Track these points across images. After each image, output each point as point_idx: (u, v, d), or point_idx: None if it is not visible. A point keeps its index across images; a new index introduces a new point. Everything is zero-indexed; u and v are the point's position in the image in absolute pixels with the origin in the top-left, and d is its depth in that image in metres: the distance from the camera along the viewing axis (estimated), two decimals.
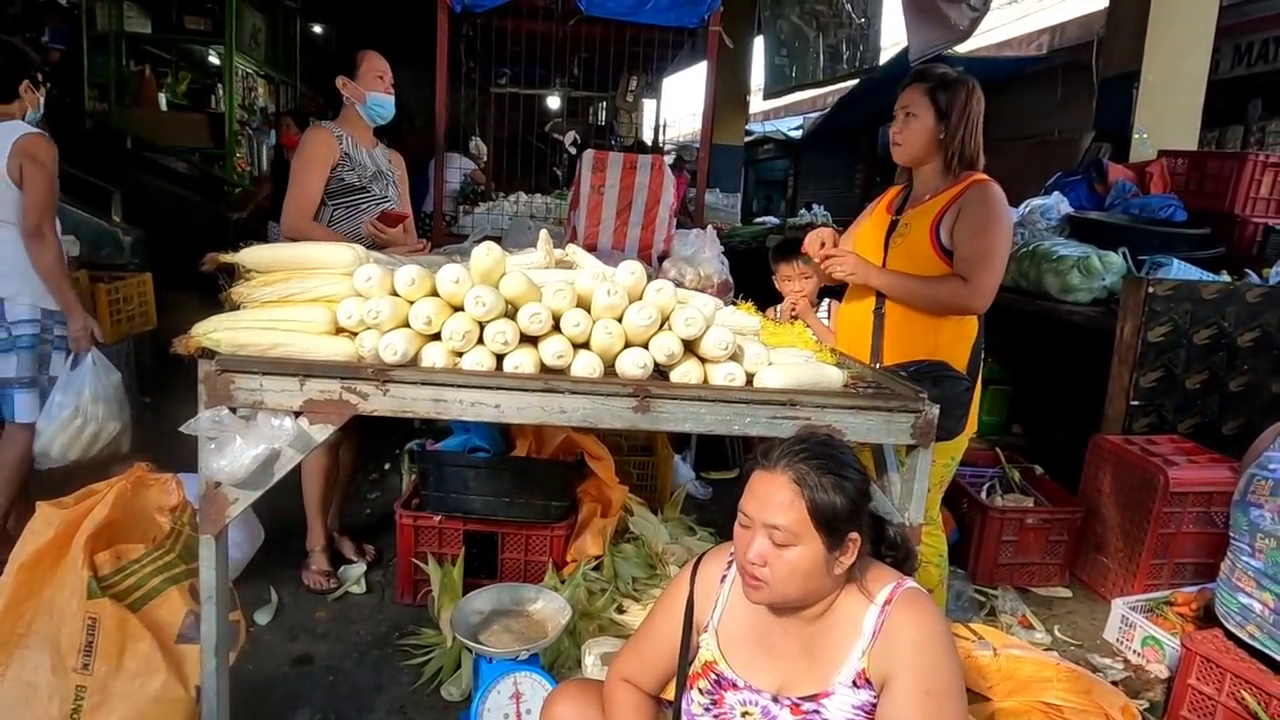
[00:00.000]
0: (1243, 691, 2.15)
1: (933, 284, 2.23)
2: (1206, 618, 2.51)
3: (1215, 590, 2.41)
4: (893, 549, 1.47)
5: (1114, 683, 2.51)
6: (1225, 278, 3.57)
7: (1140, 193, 4.50)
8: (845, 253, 2.32)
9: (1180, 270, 3.56)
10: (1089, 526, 3.28)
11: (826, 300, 3.18)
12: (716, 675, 1.44)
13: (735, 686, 1.41)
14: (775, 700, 1.38)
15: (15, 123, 2.79)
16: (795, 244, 3.20)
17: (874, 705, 1.33)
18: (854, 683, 1.34)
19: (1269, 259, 3.86)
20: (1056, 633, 2.90)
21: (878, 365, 2.27)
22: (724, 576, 1.51)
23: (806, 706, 1.35)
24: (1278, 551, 2.16)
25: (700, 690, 1.44)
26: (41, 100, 2.92)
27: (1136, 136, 5.00)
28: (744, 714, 1.40)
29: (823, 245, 2.33)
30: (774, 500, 1.33)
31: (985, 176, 2.27)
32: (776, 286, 3.23)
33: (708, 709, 1.43)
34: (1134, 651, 2.75)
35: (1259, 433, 2.46)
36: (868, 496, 1.39)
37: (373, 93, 2.80)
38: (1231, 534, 2.36)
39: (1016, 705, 1.80)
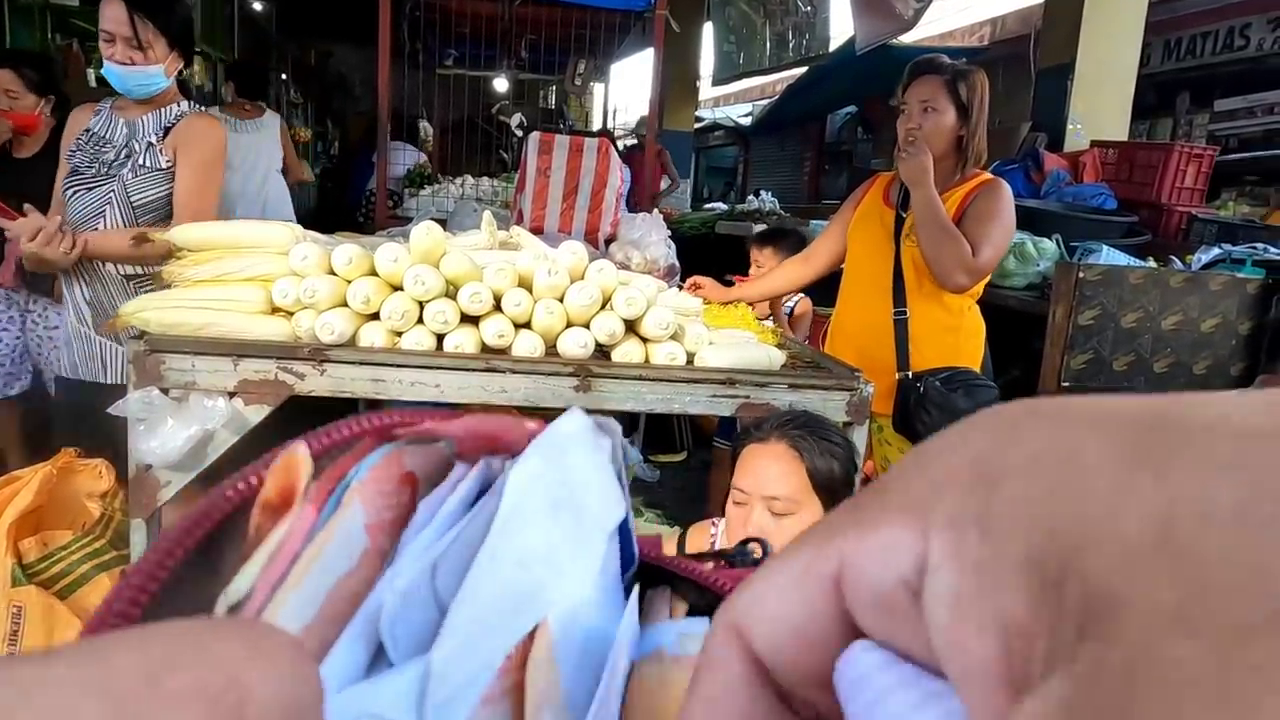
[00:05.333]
0: None
1: (955, 232, 2.09)
2: None
3: None
4: None
5: None
6: (1151, 264, 3.71)
7: (1073, 181, 4.65)
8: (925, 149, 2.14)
9: (1109, 256, 3.70)
10: None
11: (799, 296, 3.18)
12: None
13: None
14: None
15: (269, 111, 4.50)
16: (773, 233, 3.25)
17: None
18: None
19: (1192, 246, 4.03)
20: None
21: (908, 374, 2.18)
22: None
23: None
24: None
25: None
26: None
27: (1071, 127, 5.15)
28: None
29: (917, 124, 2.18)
30: (772, 470, 1.33)
31: (994, 176, 2.20)
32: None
33: None
34: None
35: None
36: (856, 469, 1.39)
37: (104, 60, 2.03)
38: None
39: None
